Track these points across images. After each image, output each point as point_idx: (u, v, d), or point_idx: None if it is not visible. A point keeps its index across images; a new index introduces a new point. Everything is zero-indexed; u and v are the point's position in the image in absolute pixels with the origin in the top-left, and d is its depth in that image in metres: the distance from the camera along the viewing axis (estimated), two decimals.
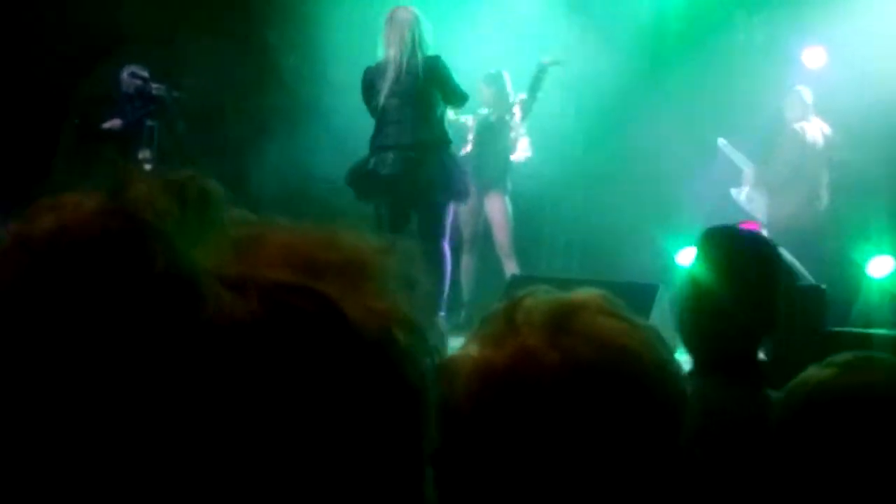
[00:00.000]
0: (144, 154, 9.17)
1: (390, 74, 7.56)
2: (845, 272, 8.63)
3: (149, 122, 9.28)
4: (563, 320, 1.39)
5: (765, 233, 5.75)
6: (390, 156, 7.61)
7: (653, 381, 1.39)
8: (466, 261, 9.35)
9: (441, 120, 7.74)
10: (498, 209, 9.23)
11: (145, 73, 9.49)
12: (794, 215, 8.92)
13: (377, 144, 7.71)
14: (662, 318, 6.63)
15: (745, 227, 5.80)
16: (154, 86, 9.38)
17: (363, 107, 9.01)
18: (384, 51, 7.67)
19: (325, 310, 0.87)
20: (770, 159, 9.45)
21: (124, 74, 9.57)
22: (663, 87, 9.66)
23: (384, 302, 0.91)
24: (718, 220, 8.93)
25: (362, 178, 7.82)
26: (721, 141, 9.63)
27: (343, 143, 9.64)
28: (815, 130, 9.34)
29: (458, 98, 7.77)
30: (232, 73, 10.54)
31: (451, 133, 8.00)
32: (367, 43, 9.34)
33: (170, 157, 9.49)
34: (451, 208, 7.78)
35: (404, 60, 7.53)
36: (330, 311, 0.87)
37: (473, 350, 1.41)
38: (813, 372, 2.06)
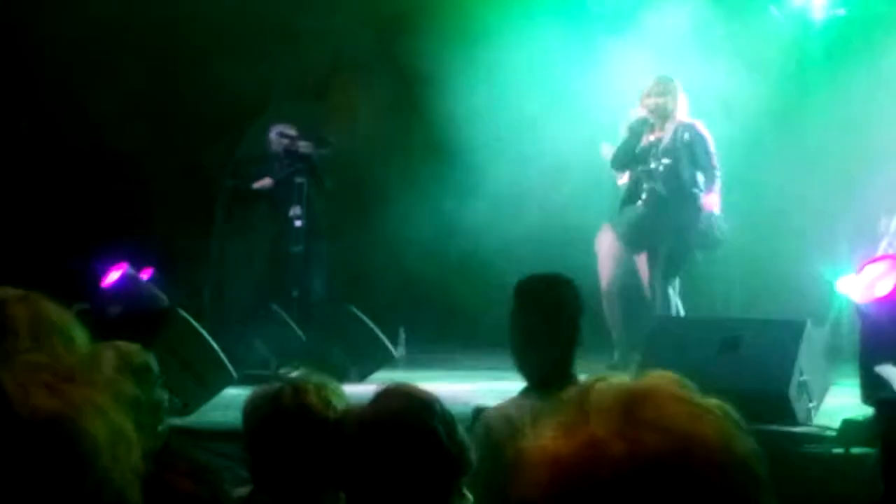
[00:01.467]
0: (295, 211, 9.38)
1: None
2: None
3: (298, 180, 9.48)
4: (632, 408, 1.41)
5: None
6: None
7: (721, 468, 1.40)
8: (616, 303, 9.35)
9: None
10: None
11: (292, 132, 9.73)
12: None
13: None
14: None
15: (883, 259, 5.66)
16: (301, 143, 9.60)
17: (515, 157, 9.25)
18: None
19: None
20: None
21: (272, 134, 9.83)
22: (810, 115, 9.49)
23: (77, 392, 1.16)
24: (871, 248, 8.83)
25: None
26: None
27: (492, 197, 9.79)
28: None
29: None
30: (382, 126, 10.74)
31: None
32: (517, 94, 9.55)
33: (320, 214, 9.72)
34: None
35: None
36: None
37: (547, 437, 1.45)
38: None
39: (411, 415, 2.70)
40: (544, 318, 3.60)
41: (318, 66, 10.57)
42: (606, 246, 9.31)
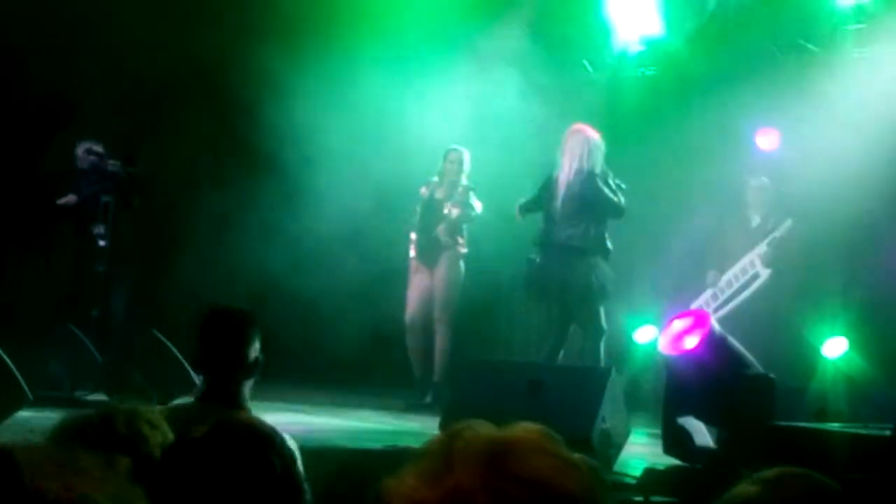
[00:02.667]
0: (98, 229, 9.10)
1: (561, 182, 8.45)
2: (803, 353, 8.69)
3: (104, 199, 9.21)
4: (498, 459, 1.39)
5: (715, 322, 5.75)
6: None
7: None
8: (411, 339, 9.43)
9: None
10: (438, 278, 9.34)
11: (100, 149, 9.44)
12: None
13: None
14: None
15: (690, 314, 5.83)
16: (110, 162, 9.32)
17: (335, 191, 9.24)
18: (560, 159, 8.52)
19: None
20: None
21: (80, 150, 9.52)
22: (619, 168, 9.73)
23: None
24: (678, 299, 9.10)
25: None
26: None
27: (308, 229, 9.74)
28: None
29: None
30: (200, 148, 10.55)
31: None
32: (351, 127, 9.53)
33: (126, 234, 9.46)
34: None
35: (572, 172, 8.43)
36: None
37: (410, 485, 1.41)
38: (741, 488, 2.09)
39: (249, 447, 2.62)
40: (214, 344, 4.11)
41: (131, 82, 10.28)
42: (415, 283, 9.39)
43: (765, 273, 9.36)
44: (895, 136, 8.60)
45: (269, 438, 2.66)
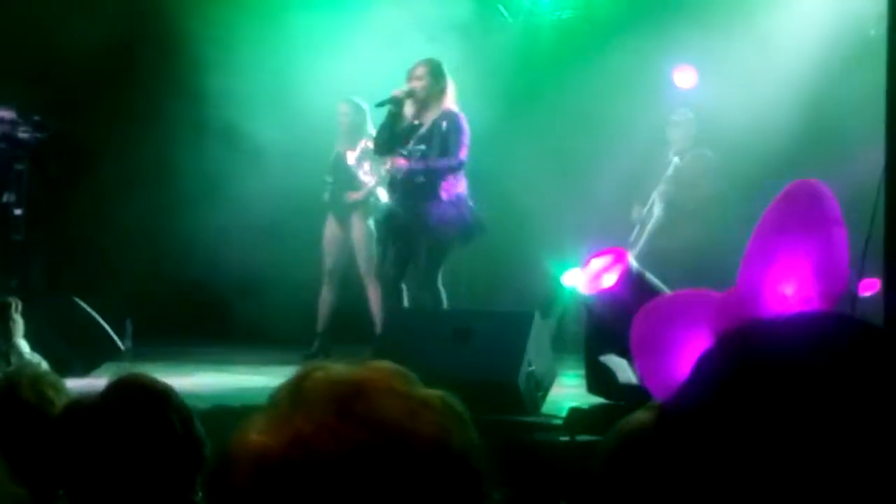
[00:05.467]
0: (10, 197, 8.94)
1: None
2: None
3: (17, 166, 9.05)
4: (343, 402, 1.35)
5: (633, 259, 5.79)
6: None
7: (435, 464, 1.36)
8: (326, 291, 9.41)
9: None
10: (358, 233, 9.29)
11: (13, 115, 9.25)
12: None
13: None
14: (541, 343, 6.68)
15: (608, 252, 5.85)
16: (22, 128, 9.14)
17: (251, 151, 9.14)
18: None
19: None
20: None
21: None
22: (538, 113, 9.73)
23: None
24: (604, 241, 9.14)
25: None
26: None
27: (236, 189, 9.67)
28: None
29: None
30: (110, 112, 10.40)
31: None
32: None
33: (40, 201, 9.33)
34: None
35: None
36: None
37: (255, 431, 1.38)
38: (636, 415, 2.27)
39: (146, 405, 2.61)
40: None
41: (46, 49, 10.10)
42: (329, 234, 9.36)
43: (658, 209, 9.42)
44: (808, 64, 8.67)
45: (164, 396, 2.66)
